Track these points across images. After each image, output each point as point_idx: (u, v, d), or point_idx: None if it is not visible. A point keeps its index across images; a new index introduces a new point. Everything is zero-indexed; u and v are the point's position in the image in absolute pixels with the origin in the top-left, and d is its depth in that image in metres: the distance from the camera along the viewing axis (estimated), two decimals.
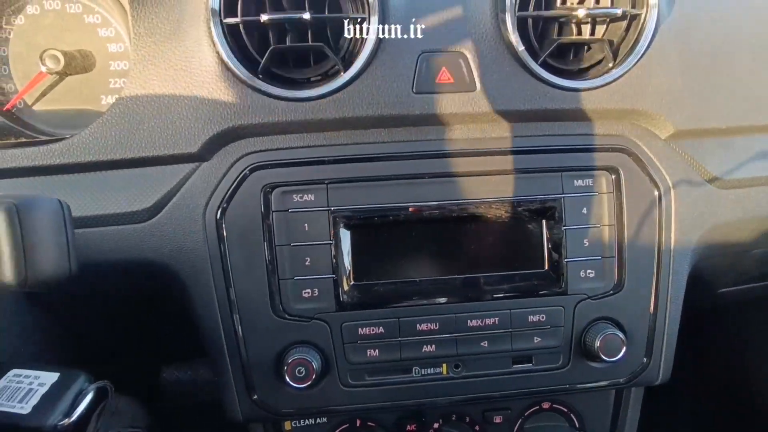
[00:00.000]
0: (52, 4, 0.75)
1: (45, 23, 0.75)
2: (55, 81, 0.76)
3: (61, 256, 0.38)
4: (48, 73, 0.73)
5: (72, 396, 0.50)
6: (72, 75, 0.76)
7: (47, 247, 0.37)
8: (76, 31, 0.75)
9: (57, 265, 0.38)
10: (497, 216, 0.65)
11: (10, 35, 0.75)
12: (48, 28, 0.75)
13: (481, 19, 0.63)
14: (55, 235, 0.38)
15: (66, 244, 0.39)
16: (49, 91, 0.77)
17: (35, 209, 0.37)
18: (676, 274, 0.68)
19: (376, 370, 0.66)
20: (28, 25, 0.75)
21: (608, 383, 0.71)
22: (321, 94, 0.60)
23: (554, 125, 0.66)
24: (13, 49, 0.75)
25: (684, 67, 0.66)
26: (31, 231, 0.36)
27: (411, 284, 0.65)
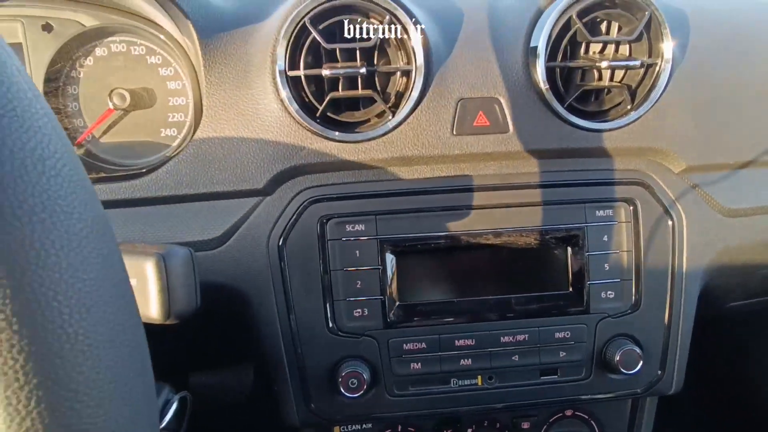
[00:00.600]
0: (119, 46, 0.80)
1: (112, 64, 0.81)
2: (120, 116, 0.81)
3: (192, 294, 0.45)
4: (115, 109, 0.79)
5: (160, 405, 0.56)
6: (136, 110, 0.81)
7: (183, 287, 0.44)
8: (140, 71, 0.80)
9: (189, 301, 0.45)
10: (527, 243, 0.71)
11: (81, 75, 0.81)
12: (115, 68, 0.81)
13: (514, 68, 0.69)
14: (187, 277, 0.45)
15: (194, 285, 0.46)
16: (114, 125, 0.82)
17: (174, 257, 0.44)
18: (688, 295, 0.74)
19: (418, 381, 0.71)
20: (97, 65, 0.80)
21: (626, 393, 0.76)
22: (372, 136, 0.66)
23: (578, 161, 0.72)
24: (83, 89, 0.81)
25: (695, 109, 0.72)
26: (172, 276, 0.43)
27: (450, 304, 0.71)
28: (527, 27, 0.69)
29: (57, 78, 0.80)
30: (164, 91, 0.81)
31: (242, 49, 0.68)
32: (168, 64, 0.82)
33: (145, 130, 0.82)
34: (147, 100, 0.81)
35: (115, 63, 0.81)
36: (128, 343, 0.28)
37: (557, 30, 0.66)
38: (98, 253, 0.27)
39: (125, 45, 0.81)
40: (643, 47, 0.68)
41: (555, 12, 0.65)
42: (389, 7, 0.63)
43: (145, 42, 0.80)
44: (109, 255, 0.28)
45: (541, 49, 0.66)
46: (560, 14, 0.65)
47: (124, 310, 0.28)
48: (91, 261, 0.26)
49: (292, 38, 0.64)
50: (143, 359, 0.30)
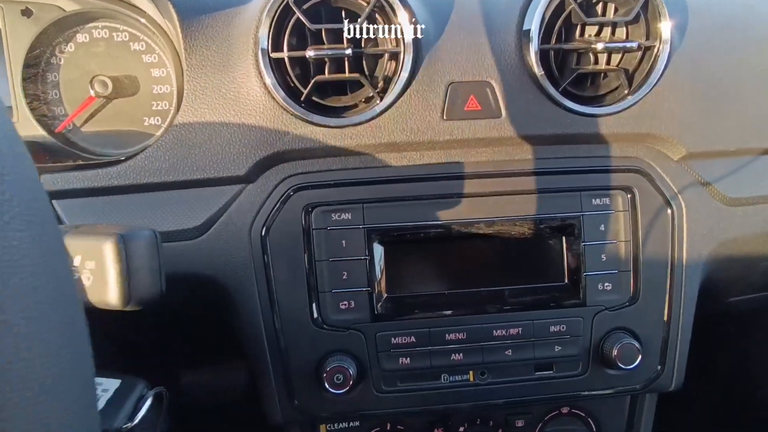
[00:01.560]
0: (101, 32, 0.79)
1: (94, 50, 0.79)
2: (102, 104, 0.80)
3: (155, 279, 0.43)
4: (97, 97, 0.77)
5: (134, 401, 0.54)
6: (118, 98, 0.79)
7: (145, 271, 0.42)
8: (123, 58, 0.79)
9: (152, 286, 0.43)
10: (520, 233, 0.69)
11: (62, 62, 0.79)
12: (97, 55, 0.79)
13: (506, 51, 0.67)
14: (150, 260, 0.43)
15: (158, 269, 0.44)
16: (96, 113, 0.80)
17: (135, 239, 0.42)
18: (688, 287, 0.72)
19: (407, 377, 0.70)
20: (78, 52, 0.79)
21: (624, 390, 0.74)
22: (359, 121, 0.64)
23: (573, 148, 0.70)
24: (64, 75, 0.79)
25: (695, 94, 0.70)
26: (132, 258, 0.41)
27: (440, 297, 0.69)
28: (520, 9, 0.67)
29: (37, 64, 0.78)
30: (148, 78, 0.79)
31: (225, 32, 0.67)
32: (152, 51, 0.80)
33: (128, 119, 0.80)
34: (130, 88, 0.79)
35: (96, 49, 0.79)
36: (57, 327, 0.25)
37: (551, 11, 0.65)
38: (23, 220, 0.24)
39: (107, 31, 0.79)
40: (641, 29, 0.67)
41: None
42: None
43: (128, 28, 0.79)
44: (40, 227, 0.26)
45: (534, 32, 0.65)
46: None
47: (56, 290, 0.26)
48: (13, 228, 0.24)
49: (275, 19, 0.62)
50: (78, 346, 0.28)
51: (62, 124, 0.80)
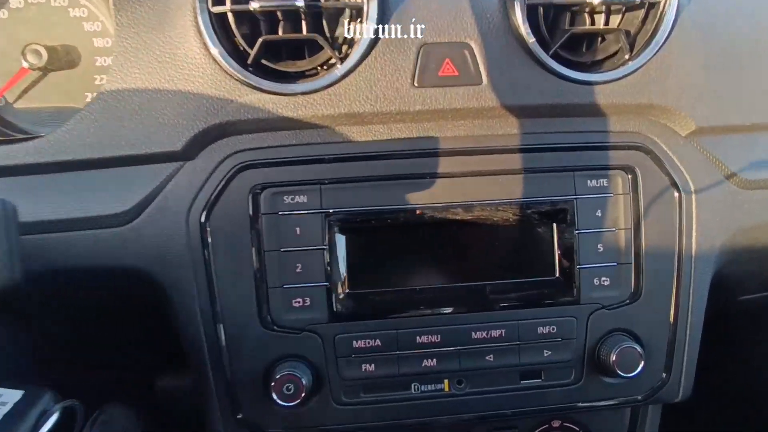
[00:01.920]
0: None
1: (28, 16, 0.74)
2: (37, 77, 0.75)
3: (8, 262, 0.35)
4: (30, 69, 0.73)
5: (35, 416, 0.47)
6: (55, 71, 0.75)
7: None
8: (60, 26, 0.74)
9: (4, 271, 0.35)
10: (504, 219, 0.63)
11: None
12: (31, 21, 0.75)
13: (488, 8, 0.61)
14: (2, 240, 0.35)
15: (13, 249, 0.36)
16: (31, 88, 0.76)
17: None
18: (698, 282, 0.66)
19: (371, 387, 0.64)
20: (11, 18, 0.73)
21: (624, 401, 0.69)
22: (315, 88, 0.58)
23: (566, 121, 0.64)
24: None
25: (706, 60, 0.64)
26: None
27: (411, 293, 0.63)
28: None
29: None
30: (89, 49, 0.73)
31: None
32: (94, 18, 0.74)
33: (66, 94, 0.75)
34: (68, 59, 0.74)
35: (31, 15, 0.74)
36: None
37: None
38: None
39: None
40: None
41: None
42: None
43: None
44: None
45: None
46: None
47: None
48: None
49: None
50: None
51: None
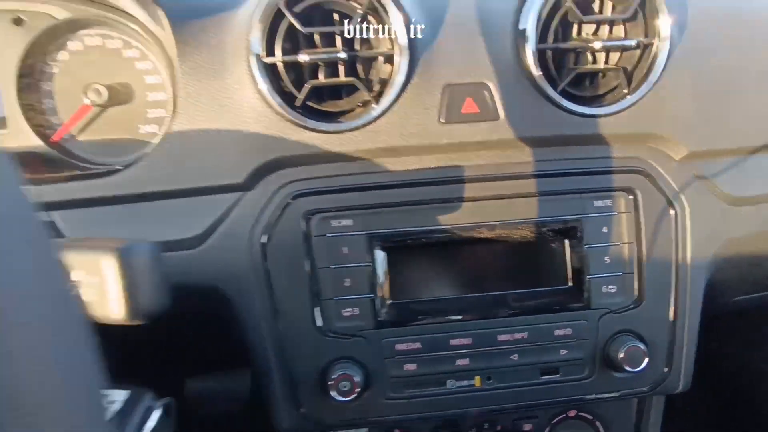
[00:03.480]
0: (94, 40, 0.79)
1: (87, 58, 0.80)
2: (97, 113, 0.81)
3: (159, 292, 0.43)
4: (92, 106, 0.79)
5: (141, 413, 0.54)
6: (113, 106, 0.80)
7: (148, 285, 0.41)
8: (116, 65, 0.80)
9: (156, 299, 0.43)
10: (522, 236, 0.69)
11: (55, 71, 0.80)
12: (90, 62, 0.80)
13: (503, 52, 0.67)
14: (152, 274, 0.43)
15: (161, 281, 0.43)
16: (91, 122, 0.81)
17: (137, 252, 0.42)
18: (694, 287, 0.72)
19: (414, 383, 0.70)
20: (72, 60, 0.79)
21: (632, 392, 0.75)
22: (355, 126, 0.64)
23: (573, 149, 0.70)
24: (57, 84, 0.80)
25: (695, 92, 0.70)
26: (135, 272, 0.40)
27: (444, 302, 0.69)
28: (515, 8, 0.67)
29: (30, 74, 0.79)
30: (142, 85, 0.80)
31: (217, 38, 0.67)
32: (145, 58, 0.80)
33: (123, 127, 0.81)
34: (124, 96, 0.80)
35: (90, 57, 0.80)
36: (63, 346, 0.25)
37: (547, 10, 0.65)
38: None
39: (100, 38, 0.80)
40: (639, 27, 0.67)
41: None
42: None
43: (121, 35, 0.79)
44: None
45: (530, 31, 0.65)
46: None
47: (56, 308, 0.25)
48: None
49: (267, 23, 0.62)
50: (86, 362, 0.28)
51: (58, 134, 0.80)
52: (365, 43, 0.67)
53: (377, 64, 0.67)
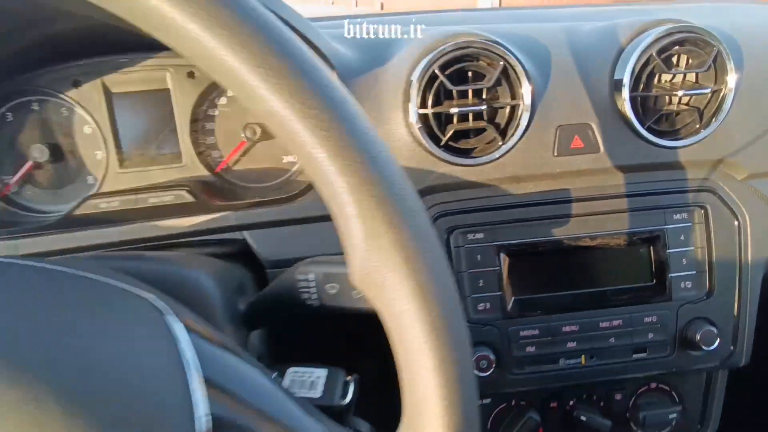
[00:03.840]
0: None
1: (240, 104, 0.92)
2: (248, 147, 0.93)
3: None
4: (247, 141, 0.90)
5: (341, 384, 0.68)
6: (261, 141, 0.93)
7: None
8: None
9: None
10: (617, 244, 0.83)
11: (217, 113, 0.93)
12: (243, 107, 0.92)
13: (602, 98, 0.80)
14: None
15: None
16: (245, 154, 0.94)
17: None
18: (753, 282, 0.84)
19: (533, 362, 0.82)
20: (229, 105, 0.92)
21: (705, 367, 0.87)
22: (487, 160, 0.78)
23: (657, 174, 0.82)
24: (218, 125, 0.92)
25: (754, 126, 0.83)
26: None
27: (557, 297, 0.83)
28: (611, 62, 0.80)
29: (199, 118, 0.91)
30: None
31: (374, 91, 0.79)
32: None
33: (269, 158, 0.92)
34: (270, 133, 0.91)
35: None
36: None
37: (640, 65, 0.77)
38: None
39: None
40: (710, 75, 0.79)
41: (638, 50, 0.76)
42: (503, 55, 0.75)
43: None
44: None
45: (626, 81, 0.76)
46: (642, 52, 0.77)
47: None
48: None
49: (423, 83, 0.75)
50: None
51: (220, 165, 0.93)
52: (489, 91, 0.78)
53: (502, 111, 0.78)
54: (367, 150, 0.33)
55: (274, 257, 0.79)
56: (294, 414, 0.40)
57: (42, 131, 0.90)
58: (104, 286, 0.48)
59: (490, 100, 0.78)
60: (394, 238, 0.32)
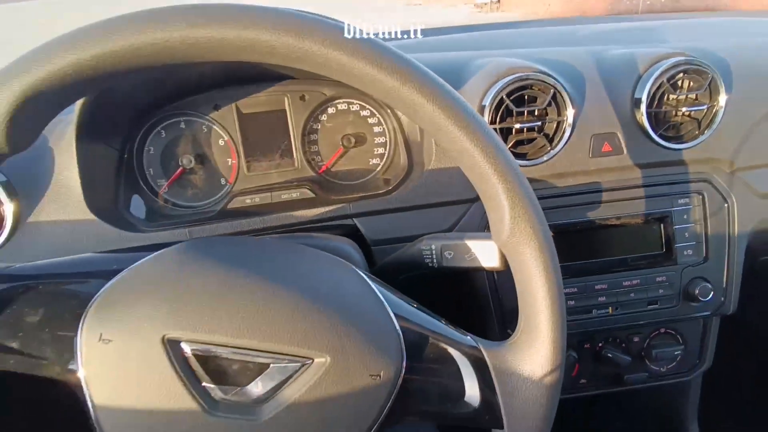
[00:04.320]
0: (343, 105, 1.09)
1: (339, 119, 1.09)
2: (344, 152, 1.09)
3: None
4: (343, 148, 1.09)
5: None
6: (354, 148, 1.10)
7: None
8: (356, 121, 1.08)
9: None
10: (636, 222, 0.99)
11: (320, 127, 1.09)
12: (339, 120, 1.08)
13: (625, 112, 0.96)
14: None
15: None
16: (341, 158, 1.11)
17: None
18: (738, 249, 1.01)
19: (572, 312, 0.99)
20: (329, 121, 1.09)
21: (703, 315, 1.03)
22: (538, 162, 0.94)
23: (666, 169, 0.99)
24: (321, 136, 1.09)
25: (739, 132, 1.00)
26: None
27: (590, 263, 0.99)
28: (632, 86, 0.96)
29: (307, 132, 1.08)
30: (371, 133, 1.08)
31: None
32: (374, 115, 1.09)
33: (358, 160, 1.10)
34: (361, 141, 1.09)
35: (341, 117, 1.09)
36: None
37: (655, 87, 0.94)
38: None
39: (347, 105, 1.09)
40: (706, 95, 0.95)
41: (653, 77, 0.96)
42: (553, 85, 0.96)
43: (360, 102, 1.09)
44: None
45: (644, 100, 0.93)
46: (656, 78, 0.97)
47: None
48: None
49: (494, 106, 0.91)
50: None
51: (323, 168, 1.10)
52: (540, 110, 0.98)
53: (550, 124, 0.94)
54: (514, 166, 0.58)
55: (377, 237, 0.94)
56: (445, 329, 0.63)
57: (187, 144, 1.15)
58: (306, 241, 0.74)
59: (541, 117, 0.98)
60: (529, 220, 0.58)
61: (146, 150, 1.11)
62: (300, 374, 0.51)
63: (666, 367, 1.13)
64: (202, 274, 0.52)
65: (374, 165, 1.13)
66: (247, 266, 0.54)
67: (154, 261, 0.54)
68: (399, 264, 0.79)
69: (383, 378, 0.53)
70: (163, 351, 0.49)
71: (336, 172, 1.12)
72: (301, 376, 0.51)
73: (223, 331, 0.50)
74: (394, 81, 0.48)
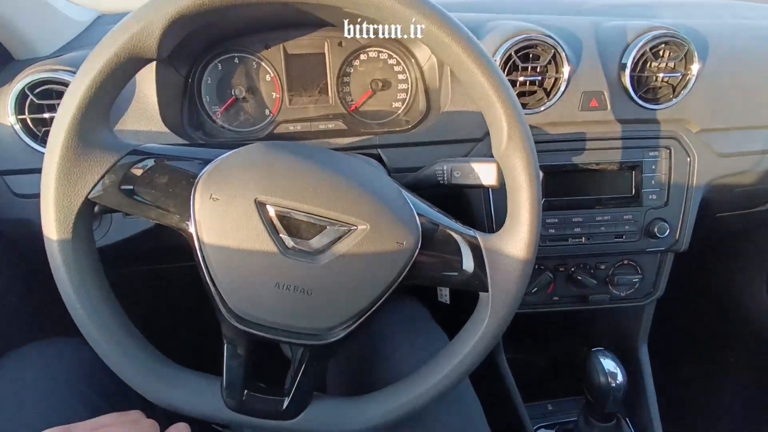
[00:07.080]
0: (373, 53, 1.20)
1: (370, 64, 1.19)
2: (371, 95, 1.20)
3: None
4: (372, 91, 1.20)
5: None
6: (380, 91, 1.22)
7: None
8: (383, 67, 1.18)
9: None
10: (611, 169, 1.11)
11: (352, 70, 1.20)
12: (370, 66, 1.19)
13: (612, 75, 1.09)
14: None
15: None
16: (368, 100, 1.22)
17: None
18: (694, 198, 1.13)
19: (551, 239, 1.14)
20: (362, 65, 1.19)
21: (659, 249, 1.18)
22: (536, 112, 1.06)
23: (641, 125, 1.10)
24: (353, 78, 1.19)
25: (709, 98, 1.11)
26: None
27: (570, 200, 1.12)
28: (620, 52, 1.09)
29: (341, 74, 1.19)
30: (395, 79, 1.19)
31: None
32: (399, 64, 1.20)
33: (383, 103, 1.20)
34: (386, 85, 1.19)
35: (371, 63, 1.19)
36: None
37: (639, 55, 1.07)
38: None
39: (377, 53, 1.20)
40: (681, 64, 1.08)
41: (638, 46, 1.07)
42: (554, 45, 1.14)
43: (389, 51, 1.19)
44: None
45: (629, 65, 1.06)
46: (640, 47, 1.15)
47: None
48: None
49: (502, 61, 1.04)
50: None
51: (353, 106, 1.21)
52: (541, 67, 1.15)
53: (548, 79, 1.06)
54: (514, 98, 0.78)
55: (397, 166, 1.05)
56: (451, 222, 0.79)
57: (240, 77, 1.34)
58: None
59: (541, 73, 1.13)
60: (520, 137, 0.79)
61: (204, 80, 1.30)
62: (347, 236, 0.68)
63: (625, 293, 1.27)
64: (284, 158, 0.73)
65: (396, 108, 1.23)
66: (314, 157, 0.76)
67: (248, 148, 0.75)
68: (417, 181, 0.88)
69: (405, 245, 0.74)
70: (254, 209, 0.66)
71: (364, 112, 1.22)
72: (348, 237, 0.68)
73: (297, 199, 0.70)
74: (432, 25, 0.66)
